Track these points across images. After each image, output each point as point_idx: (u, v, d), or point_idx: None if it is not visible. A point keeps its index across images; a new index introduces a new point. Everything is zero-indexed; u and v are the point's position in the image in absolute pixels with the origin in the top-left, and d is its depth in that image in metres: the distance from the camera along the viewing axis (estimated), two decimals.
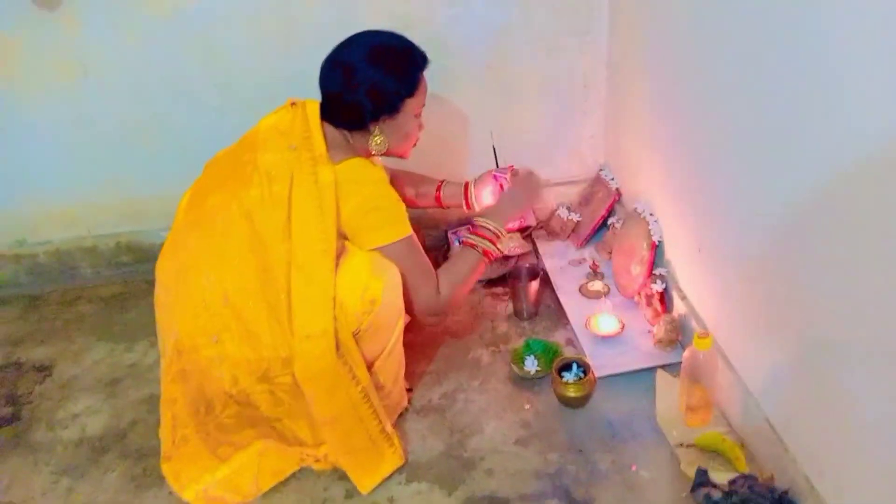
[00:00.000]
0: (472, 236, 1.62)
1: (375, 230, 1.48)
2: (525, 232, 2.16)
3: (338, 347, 1.40)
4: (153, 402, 1.74)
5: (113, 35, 1.91)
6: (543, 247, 2.13)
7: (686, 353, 1.46)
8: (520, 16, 1.93)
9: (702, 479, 1.35)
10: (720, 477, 1.35)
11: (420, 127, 1.60)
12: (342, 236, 1.47)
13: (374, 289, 1.43)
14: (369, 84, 1.47)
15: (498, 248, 1.62)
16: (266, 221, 1.42)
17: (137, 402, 1.77)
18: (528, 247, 2.11)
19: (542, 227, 2.19)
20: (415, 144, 1.63)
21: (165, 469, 1.47)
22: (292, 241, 1.41)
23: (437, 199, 1.89)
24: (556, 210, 2.17)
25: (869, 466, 1.08)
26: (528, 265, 1.97)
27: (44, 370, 1.91)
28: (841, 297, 1.07)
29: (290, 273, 1.40)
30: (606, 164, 2.15)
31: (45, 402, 1.80)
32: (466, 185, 1.86)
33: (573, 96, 2.06)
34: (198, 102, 2.01)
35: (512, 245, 2.10)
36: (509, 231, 2.10)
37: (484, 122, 2.07)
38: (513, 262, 2.08)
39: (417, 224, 2.10)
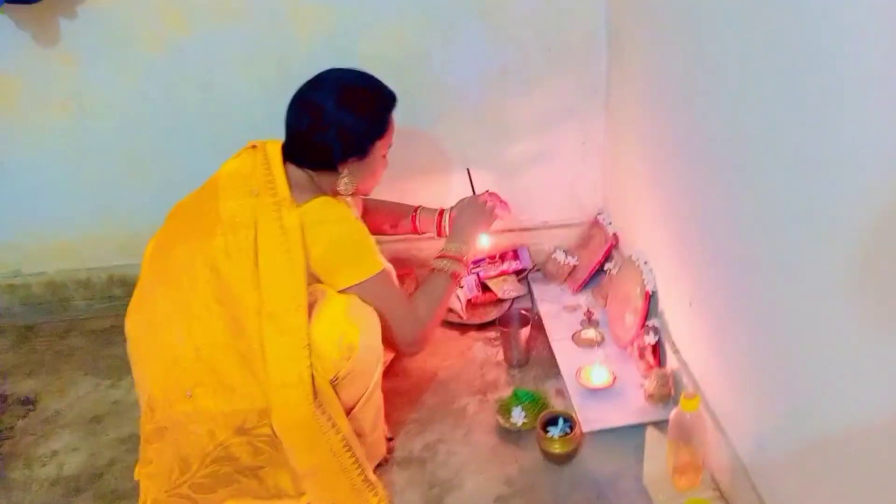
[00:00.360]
0: (438, 261, 1.65)
1: (347, 269, 1.45)
2: (521, 275, 2.12)
3: (315, 395, 1.36)
4: (133, 441, 1.73)
5: (109, 72, 1.92)
6: (539, 290, 2.09)
7: (673, 414, 1.40)
8: (516, 57, 1.91)
9: None
10: None
11: (384, 165, 1.60)
12: (314, 279, 1.43)
13: (350, 335, 1.39)
14: (339, 126, 1.45)
15: (464, 266, 1.65)
16: (233, 271, 1.39)
17: (117, 442, 1.74)
18: (522, 290, 2.07)
19: (538, 270, 2.15)
20: (377, 183, 1.62)
21: None
22: (261, 289, 1.37)
23: (413, 226, 1.89)
24: (552, 253, 2.12)
25: None
26: (520, 311, 1.92)
27: (28, 404, 1.90)
28: (831, 366, 1.02)
29: (261, 322, 1.36)
30: (605, 207, 2.11)
31: (25, 438, 1.78)
32: (441, 213, 1.86)
33: (570, 138, 2.03)
34: (193, 139, 2.01)
35: (507, 287, 2.07)
36: (503, 274, 2.08)
37: (479, 163, 2.05)
38: (507, 305, 2.04)
39: (411, 265, 2.09)
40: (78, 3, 1.83)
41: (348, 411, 1.45)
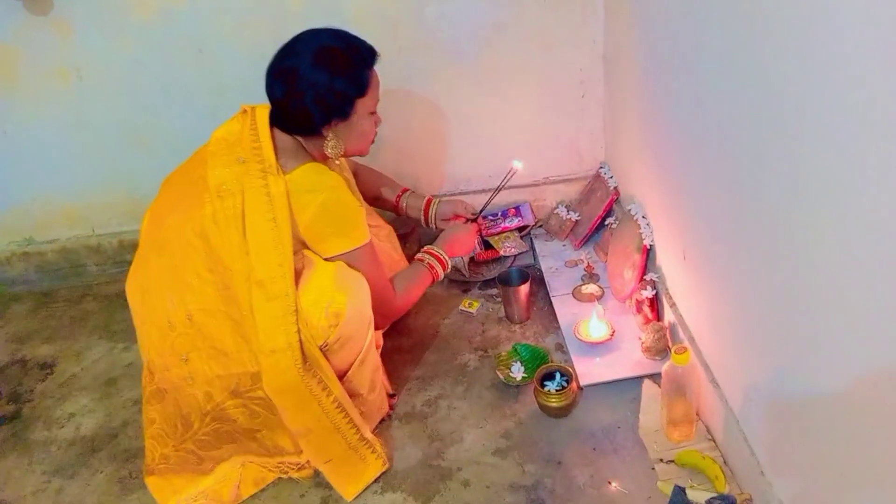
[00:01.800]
0: (423, 254, 1.72)
1: (334, 238, 1.46)
2: (523, 231, 2.12)
3: (305, 361, 1.38)
4: None
5: (105, 39, 1.92)
6: (541, 247, 2.09)
7: (665, 368, 1.41)
8: (511, 11, 1.87)
9: (677, 499, 1.31)
10: (698, 496, 1.31)
11: (376, 123, 1.56)
12: (302, 246, 1.45)
13: (338, 302, 1.40)
14: (316, 89, 1.42)
15: (443, 269, 1.72)
16: (221, 239, 1.41)
17: (130, 403, 1.80)
18: (525, 246, 2.07)
19: (540, 226, 2.15)
20: (373, 141, 1.59)
21: (149, 482, 1.51)
22: (249, 256, 1.39)
23: (396, 206, 1.92)
24: (554, 208, 2.12)
25: (846, 497, 1.03)
26: (520, 267, 1.93)
27: (46, 368, 1.97)
28: (816, 319, 1.02)
29: (250, 289, 1.39)
30: (606, 161, 2.09)
31: (45, 401, 1.85)
32: (429, 202, 1.90)
33: (570, 92, 2.00)
34: (191, 103, 2.01)
35: (509, 244, 2.07)
36: (504, 230, 2.08)
37: (477, 121, 2.03)
38: (509, 262, 2.05)
39: (412, 224, 2.09)
40: None
41: (342, 374, 1.48)
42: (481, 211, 1.94)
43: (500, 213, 2.13)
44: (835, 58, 0.85)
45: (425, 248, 1.74)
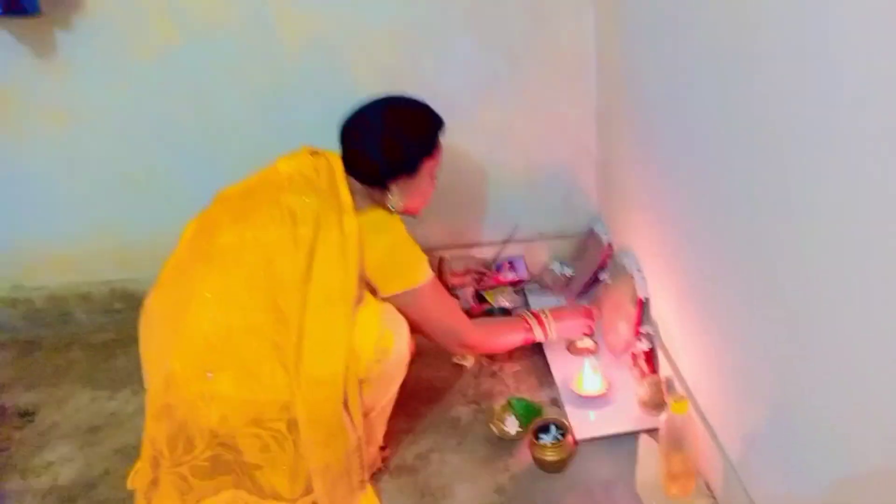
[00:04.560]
0: (527, 312, 1.75)
1: (400, 276, 1.51)
2: (517, 286, 2.12)
3: (344, 395, 1.41)
4: (127, 452, 1.73)
5: (103, 84, 1.95)
6: (535, 301, 2.08)
7: (664, 418, 1.39)
8: (506, 65, 1.93)
9: None
10: None
11: (433, 186, 1.65)
12: (364, 284, 1.48)
13: (387, 339, 1.46)
14: (389, 145, 1.51)
15: (542, 336, 1.73)
16: (287, 264, 1.43)
17: (112, 453, 1.74)
18: (519, 301, 2.07)
19: (534, 281, 2.14)
20: (426, 204, 1.67)
21: None
22: (311, 284, 1.42)
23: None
24: (549, 264, 2.12)
25: None
26: (506, 308, 1.99)
27: (27, 416, 1.91)
28: (815, 367, 1.01)
29: (304, 316, 1.40)
30: (600, 217, 2.10)
31: (22, 449, 1.79)
32: (441, 262, 1.96)
33: (563, 147, 2.04)
34: (187, 150, 2.03)
35: (503, 298, 2.06)
36: (498, 284, 2.09)
37: (471, 172, 2.06)
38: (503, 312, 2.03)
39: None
40: (75, 14, 1.86)
41: (366, 414, 1.50)
42: (493, 264, 2.00)
43: (495, 267, 2.13)
44: (836, 100, 0.87)
45: (538, 310, 1.77)
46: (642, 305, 1.70)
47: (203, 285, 1.46)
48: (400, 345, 1.49)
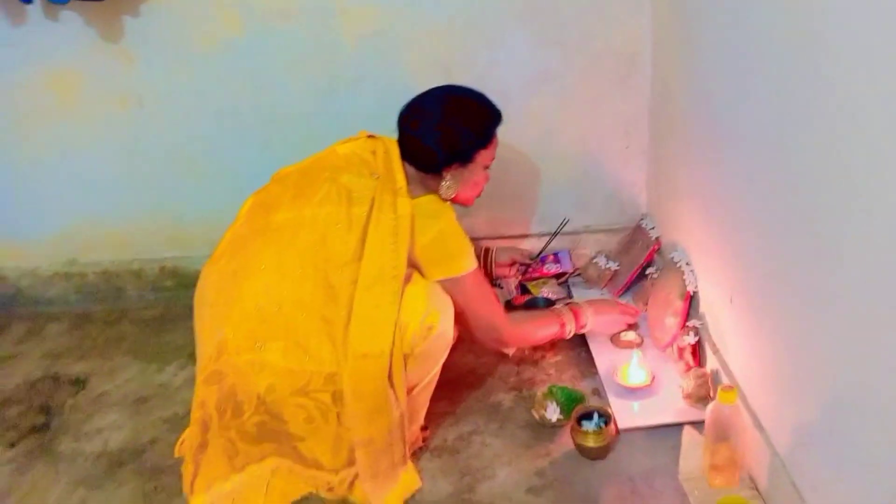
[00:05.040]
0: (564, 307, 1.76)
1: (446, 263, 1.54)
2: (561, 278, 2.12)
3: (390, 370, 1.43)
4: (175, 422, 1.77)
5: (166, 68, 2.01)
6: (579, 294, 2.08)
7: (710, 408, 1.38)
8: (560, 61, 1.94)
9: None
10: None
11: (486, 178, 1.67)
12: (412, 265, 1.51)
13: (433, 315, 1.47)
14: (446, 133, 1.54)
15: (576, 330, 1.74)
16: (339, 240, 1.47)
17: (160, 422, 1.79)
18: (563, 293, 2.07)
19: (578, 274, 2.15)
20: (479, 195, 1.69)
21: (184, 469, 1.52)
22: (363, 262, 1.46)
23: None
24: (593, 257, 2.12)
25: None
26: (545, 298, 2.00)
27: (78, 384, 1.97)
28: (871, 361, 1.00)
29: (354, 292, 1.44)
30: (648, 212, 2.10)
31: (74, 415, 1.85)
32: (486, 250, 1.98)
33: (614, 142, 2.04)
34: (245, 135, 2.08)
35: (547, 290, 2.07)
36: (542, 275, 2.09)
37: (521, 165, 2.07)
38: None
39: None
40: (142, 1, 1.92)
41: (409, 391, 1.52)
42: (538, 255, 2.03)
43: (539, 260, 2.14)
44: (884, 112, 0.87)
45: (573, 303, 1.79)
46: (690, 299, 1.69)
47: (259, 259, 1.50)
48: (445, 323, 1.50)
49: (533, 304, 1.97)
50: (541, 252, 2.07)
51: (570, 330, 1.73)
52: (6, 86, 2.04)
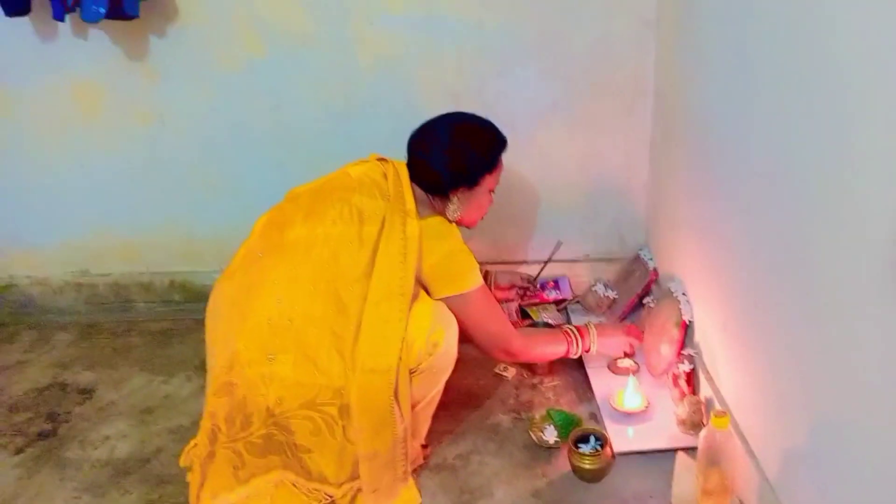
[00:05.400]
0: (571, 327, 1.80)
1: (452, 281, 1.60)
2: (560, 304, 2.17)
3: (395, 386, 1.48)
4: (180, 432, 1.81)
5: (189, 89, 2.08)
6: (577, 321, 2.12)
7: (703, 433, 1.43)
8: (565, 94, 2.01)
9: None
10: None
11: (490, 201, 1.74)
12: (419, 284, 1.57)
13: (438, 333, 1.53)
14: (454, 157, 1.62)
15: (582, 351, 1.79)
16: (350, 257, 1.53)
17: (165, 432, 1.83)
18: (561, 319, 2.12)
19: (577, 302, 2.20)
20: (483, 217, 1.76)
21: (190, 478, 1.55)
22: (372, 280, 1.51)
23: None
24: (592, 285, 2.18)
25: None
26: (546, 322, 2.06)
27: (85, 393, 2.01)
28: (855, 390, 1.05)
29: (363, 309, 1.50)
30: (646, 243, 2.16)
31: (81, 423, 1.88)
32: (486, 274, 2.01)
33: (616, 175, 2.11)
34: (260, 155, 2.14)
35: (546, 315, 2.12)
36: (542, 301, 2.14)
37: (523, 192, 2.13)
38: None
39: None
40: (168, 22, 2.00)
41: (412, 407, 1.57)
42: (536, 278, 2.08)
43: (539, 285, 2.19)
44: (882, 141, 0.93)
45: (581, 325, 1.82)
46: (686, 328, 1.75)
47: (273, 274, 1.55)
48: (450, 340, 1.56)
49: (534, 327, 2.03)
50: (538, 275, 2.12)
51: (576, 350, 1.77)
52: (31, 95, 2.11)
